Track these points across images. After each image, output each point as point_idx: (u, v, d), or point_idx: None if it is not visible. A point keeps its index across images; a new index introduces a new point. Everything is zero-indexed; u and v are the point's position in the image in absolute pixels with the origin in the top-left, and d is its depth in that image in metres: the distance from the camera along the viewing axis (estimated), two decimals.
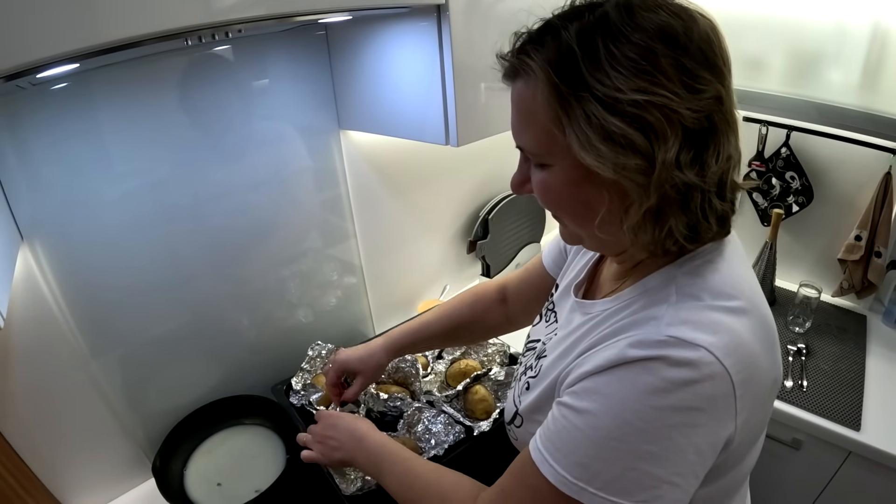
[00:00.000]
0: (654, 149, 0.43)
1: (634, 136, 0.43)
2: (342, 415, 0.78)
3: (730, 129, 0.47)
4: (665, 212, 0.46)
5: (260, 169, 0.99)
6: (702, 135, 0.44)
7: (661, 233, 0.47)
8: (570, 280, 0.69)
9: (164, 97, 0.84)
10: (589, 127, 0.44)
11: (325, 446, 0.74)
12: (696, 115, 0.43)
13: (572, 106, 0.45)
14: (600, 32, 0.44)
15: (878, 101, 1.27)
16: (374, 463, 0.69)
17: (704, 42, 0.45)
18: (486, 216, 1.45)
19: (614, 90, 0.43)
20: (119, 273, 0.86)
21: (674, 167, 0.44)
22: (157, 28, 0.53)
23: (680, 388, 0.43)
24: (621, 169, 0.44)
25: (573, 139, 0.45)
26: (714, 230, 0.49)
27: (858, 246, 1.35)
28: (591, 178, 0.47)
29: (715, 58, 0.45)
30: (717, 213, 0.48)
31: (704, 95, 0.44)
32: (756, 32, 1.38)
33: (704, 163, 0.45)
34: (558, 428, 0.48)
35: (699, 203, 0.46)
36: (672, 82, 0.43)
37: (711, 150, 0.45)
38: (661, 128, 0.43)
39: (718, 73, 0.45)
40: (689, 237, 0.48)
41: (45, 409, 0.83)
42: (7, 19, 0.43)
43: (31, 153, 0.73)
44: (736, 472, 0.52)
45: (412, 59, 0.89)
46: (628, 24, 0.43)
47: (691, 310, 0.47)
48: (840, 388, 1.18)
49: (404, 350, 0.90)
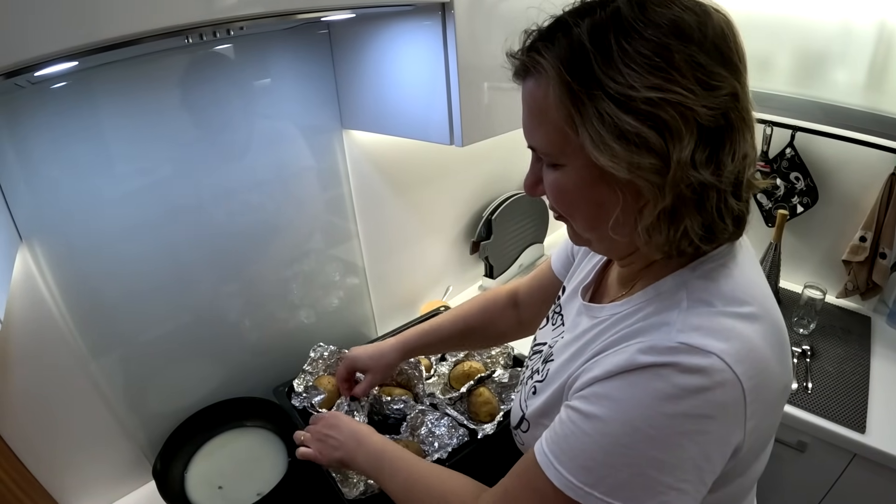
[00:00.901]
0: (668, 147, 0.42)
1: (649, 134, 0.42)
2: (343, 416, 0.77)
3: (746, 127, 0.46)
4: (680, 212, 0.45)
5: (262, 168, 0.99)
6: (718, 133, 0.44)
7: (676, 233, 0.46)
8: (578, 283, 0.68)
9: (165, 96, 0.83)
10: (602, 126, 0.43)
11: (325, 445, 0.74)
12: (711, 112, 0.43)
13: (585, 104, 0.44)
14: (612, 29, 0.43)
15: (884, 101, 1.27)
16: (374, 464, 0.68)
17: (719, 37, 0.44)
18: (490, 217, 1.44)
19: (628, 88, 0.42)
20: (119, 274, 0.86)
21: (689, 166, 0.43)
22: (157, 25, 0.52)
23: (691, 395, 0.42)
24: (636, 168, 0.43)
25: (586, 138, 0.45)
26: (730, 230, 0.48)
27: (863, 247, 1.35)
28: (604, 178, 0.46)
29: (730, 53, 0.44)
30: (734, 214, 0.47)
31: (720, 92, 0.43)
32: (761, 32, 1.37)
33: (720, 161, 0.44)
34: (566, 432, 0.48)
35: (715, 203, 0.45)
36: (687, 79, 0.42)
37: (727, 148, 0.44)
38: (676, 126, 0.42)
39: (734, 70, 0.44)
40: (704, 238, 0.47)
41: (44, 410, 0.82)
42: (5, 16, 0.42)
43: (30, 152, 0.73)
44: (744, 478, 0.52)
45: (416, 58, 0.88)
46: (641, 19, 0.42)
47: (703, 316, 0.46)
48: (845, 390, 1.17)
49: (416, 352, 0.90)
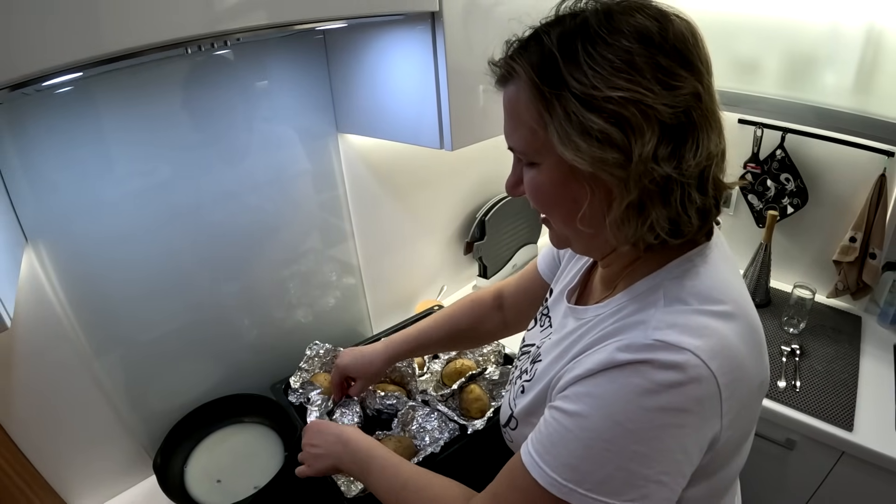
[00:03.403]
0: (630, 143, 0.45)
1: (611, 131, 0.45)
2: (325, 422, 0.78)
3: (710, 126, 0.48)
4: (646, 205, 0.47)
5: (260, 171, 1.01)
6: (680, 129, 0.46)
7: (643, 226, 0.48)
8: (564, 286, 0.70)
9: (165, 102, 0.85)
10: (569, 123, 0.46)
11: (311, 456, 0.74)
12: (672, 110, 0.45)
13: (553, 104, 0.47)
14: (580, 35, 0.46)
15: (872, 103, 1.28)
16: (362, 465, 0.68)
17: (679, 41, 0.46)
18: (483, 217, 1.46)
19: (591, 88, 0.45)
20: (121, 274, 0.88)
21: (651, 161, 0.45)
22: (159, 39, 0.54)
23: (667, 389, 0.44)
24: (599, 163, 0.46)
25: (554, 135, 0.48)
26: (695, 224, 0.49)
27: (853, 247, 1.36)
28: (574, 173, 0.49)
29: (691, 56, 0.47)
30: (697, 206, 0.48)
31: (681, 92, 0.45)
32: (751, 35, 1.39)
33: (683, 157, 0.46)
34: (549, 431, 0.49)
35: (679, 197, 0.47)
36: (647, 79, 0.45)
37: (690, 144, 0.46)
38: (638, 123, 0.45)
39: (696, 71, 0.47)
40: (671, 231, 0.49)
41: (48, 407, 0.85)
42: (12, 31, 0.45)
43: (34, 156, 0.75)
44: (724, 473, 0.53)
45: (407, 65, 0.90)
46: (606, 26, 0.46)
47: (678, 314, 0.48)
48: (833, 388, 1.18)
49: (403, 356, 0.93)
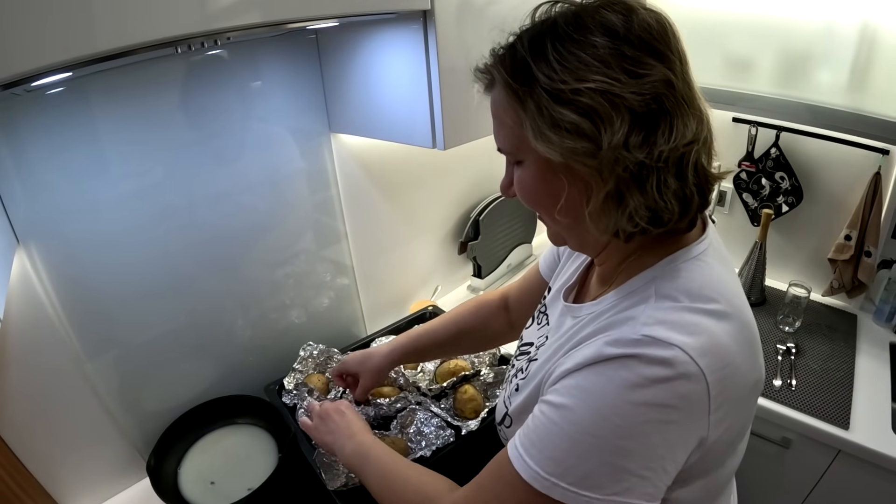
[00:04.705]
0: (600, 132, 0.46)
1: (580, 121, 0.46)
2: (353, 409, 0.80)
3: (686, 113, 0.48)
4: (624, 195, 0.48)
5: (253, 171, 1.01)
6: (651, 116, 0.46)
7: (622, 216, 0.49)
8: (561, 284, 0.70)
9: (158, 101, 0.85)
10: (540, 118, 0.48)
11: (324, 424, 0.77)
12: (641, 97, 0.46)
13: (526, 101, 0.49)
14: (549, 35, 0.48)
15: (867, 101, 1.28)
16: (359, 457, 0.70)
17: (644, 31, 0.47)
18: (477, 217, 1.46)
19: (560, 82, 0.46)
20: (114, 275, 0.88)
21: (621, 148, 0.46)
22: (151, 37, 0.54)
23: (654, 384, 0.44)
24: (570, 153, 0.47)
25: (528, 131, 0.49)
26: (675, 211, 0.49)
27: (848, 246, 1.36)
28: (551, 167, 0.50)
29: (657, 44, 0.47)
30: (674, 191, 0.48)
31: (649, 79, 0.46)
32: (745, 33, 1.39)
33: (654, 143, 0.47)
34: (535, 424, 0.50)
35: (655, 183, 0.47)
36: (612, 69, 0.46)
37: (662, 130, 0.47)
38: (606, 112, 0.45)
39: (665, 59, 0.47)
40: (650, 219, 0.49)
41: (41, 409, 0.84)
42: (4, 29, 0.44)
43: (26, 157, 0.75)
44: (720, 472, 0.53)
45: (399, 64, 0.90)
46: (573, 25, 0.47)
47: (668, 310, 0.48)
48: (829, 386, 1.18)
49: (408, 356, 0.91)
